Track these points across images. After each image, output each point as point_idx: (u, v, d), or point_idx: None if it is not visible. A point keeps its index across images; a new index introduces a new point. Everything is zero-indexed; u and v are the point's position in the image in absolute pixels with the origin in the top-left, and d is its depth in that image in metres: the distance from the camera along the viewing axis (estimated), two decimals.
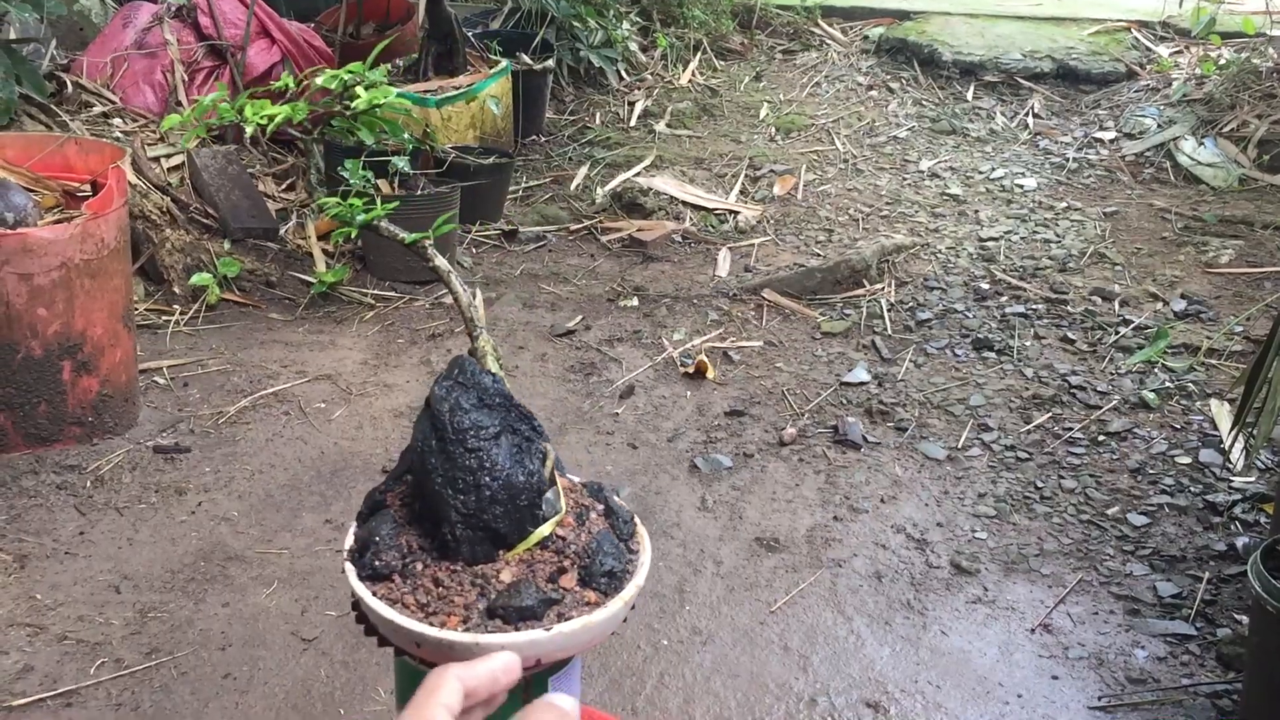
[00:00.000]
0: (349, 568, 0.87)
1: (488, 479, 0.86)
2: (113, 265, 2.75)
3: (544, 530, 0.89)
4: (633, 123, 5.49)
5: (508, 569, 0.87)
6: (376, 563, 0.84)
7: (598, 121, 5.49)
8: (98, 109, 4.19)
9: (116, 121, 4.22)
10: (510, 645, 0.81)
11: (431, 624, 0.82)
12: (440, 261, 0.95)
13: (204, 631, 2.21)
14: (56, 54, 4.52)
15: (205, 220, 3.97)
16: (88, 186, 2.85)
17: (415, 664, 0.85)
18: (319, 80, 2.10)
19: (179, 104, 4.32)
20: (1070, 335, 3.54)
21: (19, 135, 3.12)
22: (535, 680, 0.91)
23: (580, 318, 3.74)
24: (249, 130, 0.98)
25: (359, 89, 1.93)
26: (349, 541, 0.89)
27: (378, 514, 0.89)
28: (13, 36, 4.32)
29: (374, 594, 0.85)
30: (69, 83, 4.19)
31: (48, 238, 2.58)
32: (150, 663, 2.12)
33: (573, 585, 0.87)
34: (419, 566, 0.85)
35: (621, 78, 5.83)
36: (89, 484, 2.66)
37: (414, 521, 0.88)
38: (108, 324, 2.77)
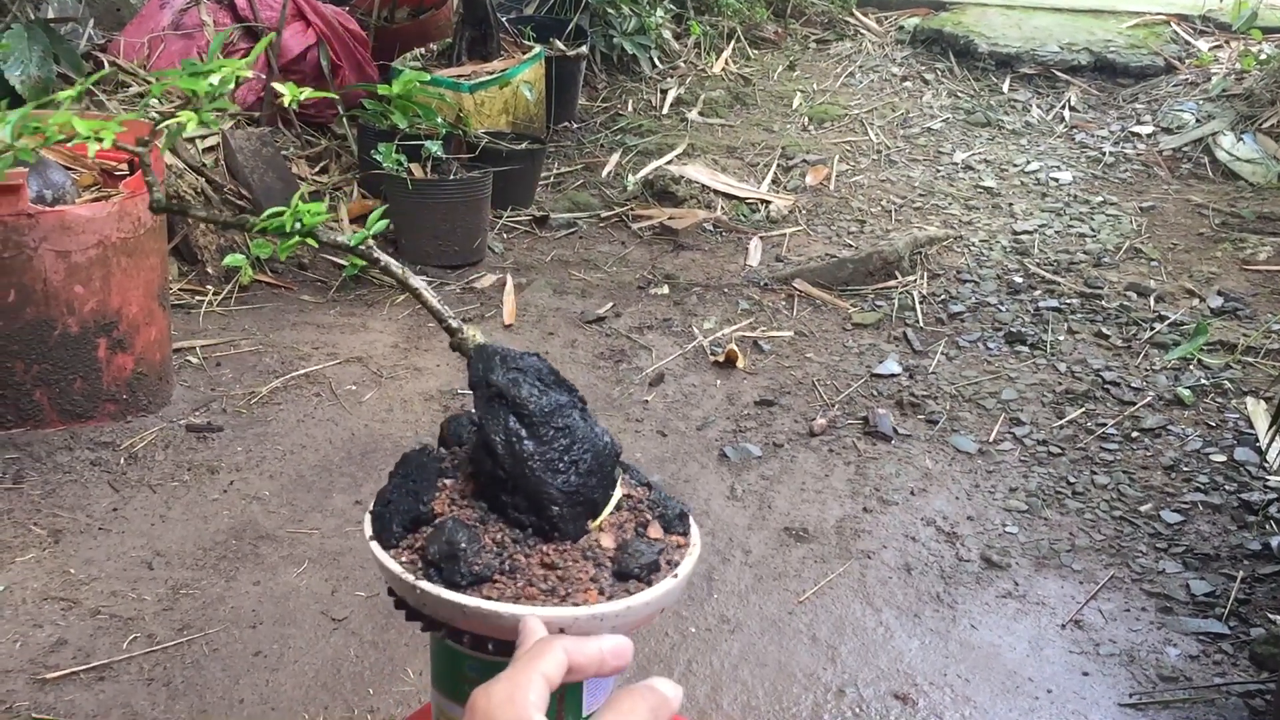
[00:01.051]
0: (430, 586, 0.80)
1: (580, 453, 0.85)
2: (149, 244, 2.76)
3: (619, 492, 0.90)
4: (665, 110, 5.48)
5: (603, 535, 0.87)
6: (474, 568, 0.80)
7: (630, 109, 5.48)
8: (134, 89, 4.21)
9: (153, 101, 4.24)
10: (654, 600, 0.82)
11: (576, 604, 0.80)
12: (387, 260, 0.91)
13: (235, 609, 2.23)
14: (94, 34, 4.54)
15: (239, 201, 3.99)
16: (125, 166, 2.86)
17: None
18: None
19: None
20: (1105, 330, 3.51)
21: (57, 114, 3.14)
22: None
23: (610, 305, 3.74)
24: (287, 102, 0.96)
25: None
26: (395, 564, 0.82)
27: (436, 526, 0.83)
28: (51, 15, 4.35)
29: (487, 598, 0.80)
30: (106, 62, 4.22)
31: (86, 216, 2.60)
32: (182, 639, 2.13)
33: (660, 534, 0.88)
34: (521, 559, 0.83)
35: (654, 65, 5.81)
36: (123, 461, 2.69)
37: (486, 519, 0.85)
38: (143, 302, 2.78)
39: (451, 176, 3.95)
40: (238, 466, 2.72)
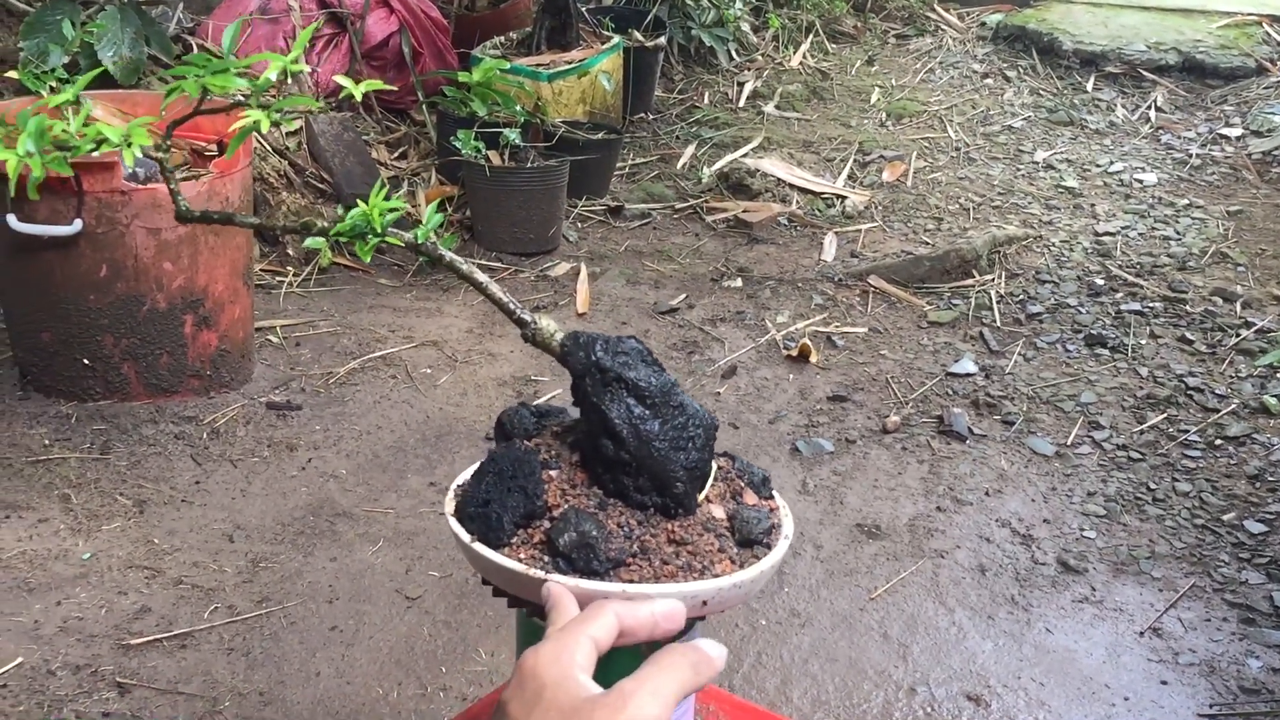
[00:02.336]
0: (563, 579, 0.79)
1: (695, 429, 0.86)
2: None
3: (715, 464, 0.91)
4: (741, 103, 5.46)
5: (713, 506, 0.88)
6: (610, 554, 0.80)
7: (706, 101, 5.47)
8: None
9: (240, 83, 4.31)
10: (778, 562, 0.86)
11: (716, 574, 0.82)
12: (451, 258, 0.91)
13: (312, 584, 2.26)
14: (183, 17, 4.63)
15: (320, 185, 4.05)
16: (214, 146, 2.92)
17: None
18: None
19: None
20: (1188, 335, 3.44)
21: (150, 94, 3.21)
22: (653, 647, 0.90)
23: (684, 296, 3.74)
24: (357, 96, 0.97)
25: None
26: (514, 563, 0.81)
27: (558, 518, 0.82)
28: None
29: (626, 581, 0.81)
30: (194, 45, 4.30)
31: None
32: (261, 611, 2.17)
33: (757, 500, 0.91)
34: (649, 539, 0.83)
35: (732, 58, 5.79)
36: (205, 435, 2.74)
37: (604, 505, 0.84)
38: (228, 281, 2.84)
39: (529, 165, 3.97)
40: (315, 444, 2.76)
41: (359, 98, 0.91)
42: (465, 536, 0.83)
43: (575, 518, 0.81)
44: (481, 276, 0.93)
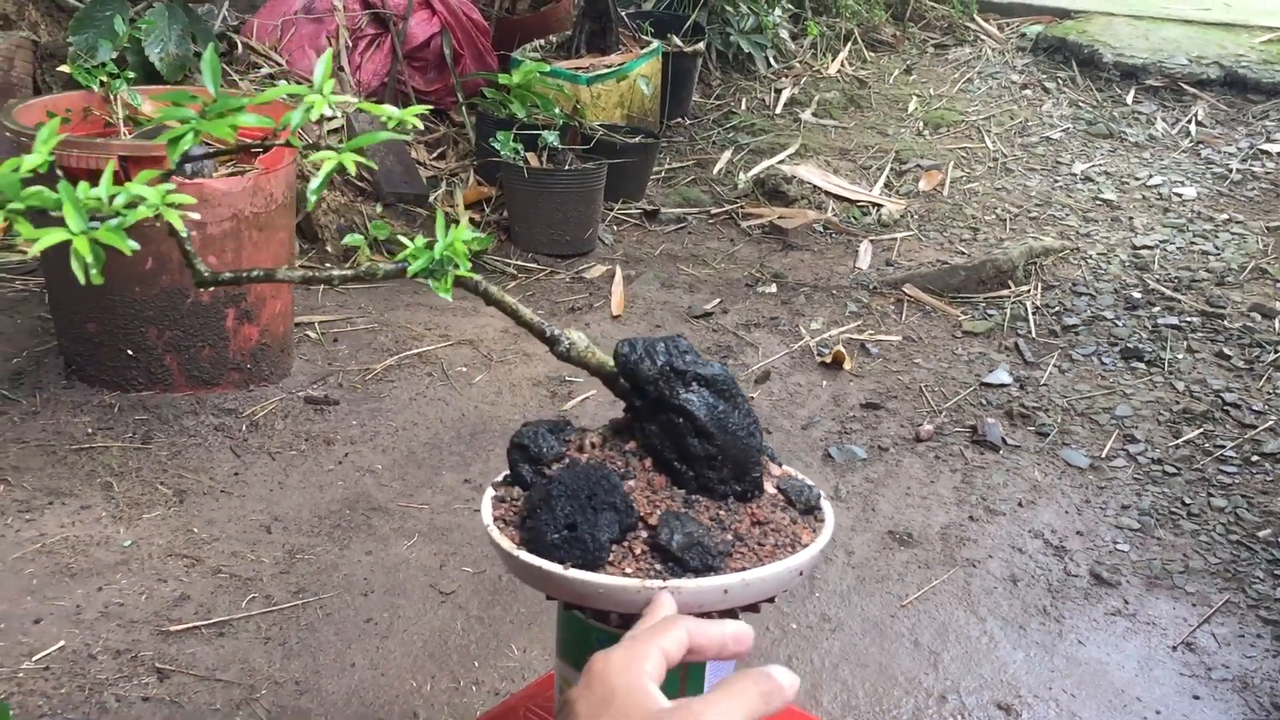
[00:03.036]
0: (685, 582, 0.80)
1: (753, 414, 0.90)
2: (279, 219, 2.85)
3: None
4: (778, 110, 5.47)
5: (768, 481, 0.92)
6: (719, 547, 0.82)
7: (743, 107, 5.48)
8: (265, 70, 4.34)
9: (281, 83, 4.36)
10: (833, 524, 0.91)
11: (805, 545, 0.86)
12: (487, 287, 0.90)
13: (348, 576, 2.29)
14: (228, 15, 4.69)
15: (359, 183, 4.09)
16: (260, 143, 2.95)
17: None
18: None
19: (341, 69, 4.45)
20: (1226, 351, 3.41)
21: (198, 90, 3.26)
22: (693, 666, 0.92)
23: (718, 301, 3.75)
24: (412, 124, 0.93)
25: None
26: (626, 580, 0.80)
27: (659, 525, 0.83)
28: None
29: (737, 570, 0.83)
30: (239, 43, 4.35)
31: (222, 189, 2.69)
32: (297, 601, 2.20)
33: (790, 471, 0.95)
34: (739, 526, 0.86)
35: (770, 64, 5.80)
36: (244, 428, 2.78)
37: (689, 502, 0.86)
38: None
39: (566, 167, 3.99)
40: (352, 439, 2.79)
41: (414, 125, 0.90)
42: (556, 568, 0.81)
43: (677, 520, 0.82)
44: (510, 299, 0.92)
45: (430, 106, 4.69)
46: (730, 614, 0.86)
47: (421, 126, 4.63)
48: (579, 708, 0.68)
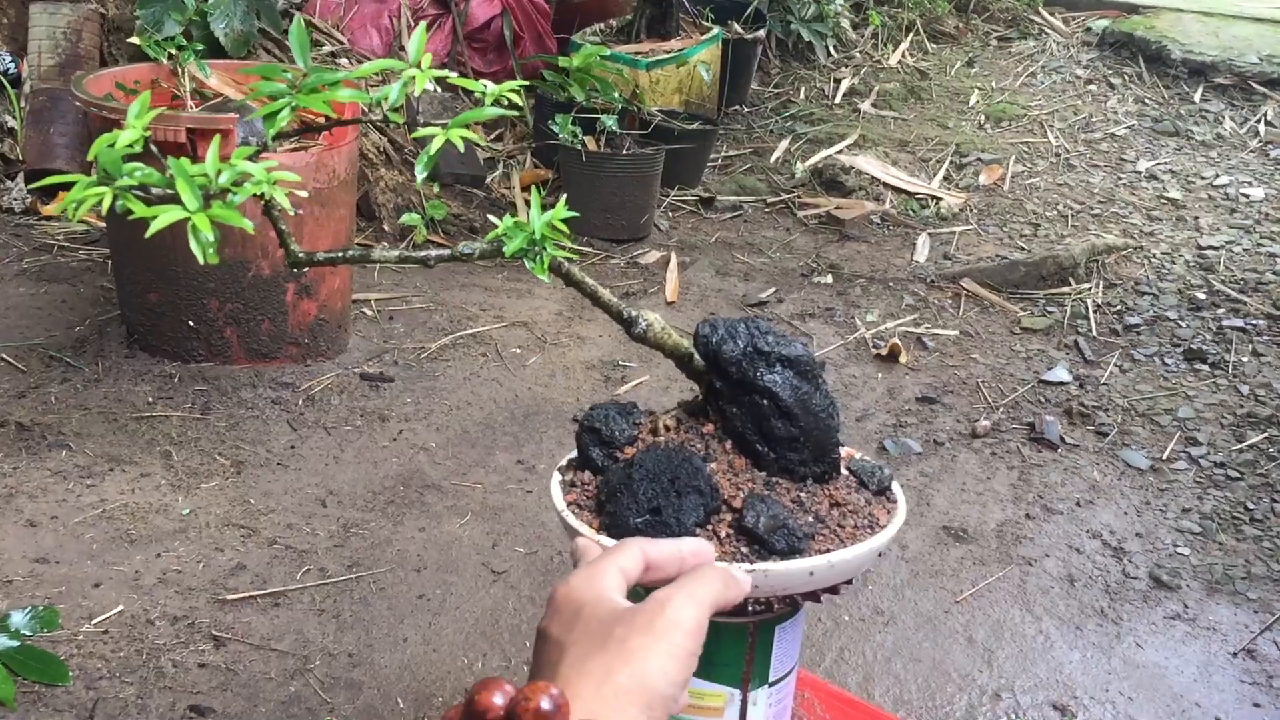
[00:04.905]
0: (774, 565, 0.80)
1: (832, 396, 0.90)
2: (340, 196, 2.86)
3: None
4: (837, 100, 5.42)
5: (840, 463, 0.92)
6: (804, 528, 0.82)
7: (802, 96, 5.44)
8: (326, 48, 4.36)
9: (342, 62, 4.38)
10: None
11: (883, 526, 0.86)
12: (581, 277, 0.89)
13: (401, 552, 2.30)
14: None
15: (415, 161, 4.10)
16: (323, 119, 2.96)
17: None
18: None
19: (401, 49, 4.47)
20: None
21: (263, 66, 3.28)
22: (762, 630, 0.91)
23: (773, 290, 3.73)
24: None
25: None
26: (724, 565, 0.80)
27: (744, 507, 0.82)
28: None
29: (822, 552, 0.83)
30: (302, 21, 4.38)
31: (286, 164, 2.70)
32: (351, 575, 2.21)
33: (858, 454, 0.95)
34: (819, 507, 0.86)
35: (830, 54, 5.75)
36: (301, 402, 2.80)
37: (770, 485, 0.86)
38: None
39: (624, 151, 3.98)
40: (406, 417, 2.80)
41: (512, 100, 0.88)
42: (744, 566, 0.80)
43: (762, 503, 0.82)
44: (591, 282, 0.91)
45: (482, 122, 4.69)
46: (812, 596, 0.85)
47: (520, 103, 4.64)
48: (552, 630, 0.68)
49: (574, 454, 0.93)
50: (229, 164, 0.77)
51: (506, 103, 0.86)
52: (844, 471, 0.91)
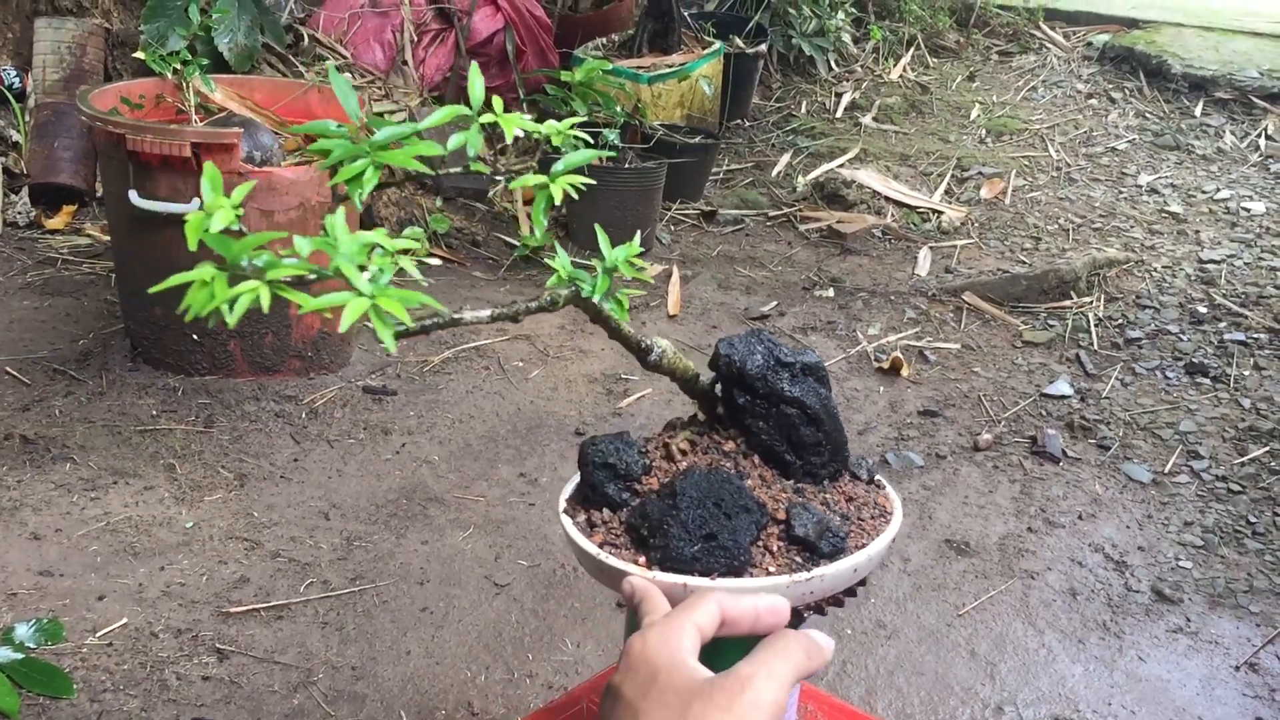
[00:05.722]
0: (825, 569, 0.81)
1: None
2: (345, 210, 2.87)
3: None
4: (839, 114, 5.44)
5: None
6: (841, 530, 0.83)
7: (803, 110, 5.45)
8: (330, 62, 4.38)
9: (346, 76, 4.40)
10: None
11: (892, 515, 0.89)
12: (599, 306, 0.88)
13: (404, 565, 2.30)
14: (295, 7, 4.74)
15: (420, 176, 4.12)
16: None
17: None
18: None
19: (404, 64, 4.49)
20: None
21: (267, 80, 3.30)
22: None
23: (775, 303, 3.74)
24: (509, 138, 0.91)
25: None
26: (781, 576, 0.81)
27: (789, 519, 0.83)
28: None
29: (860, 545, 0.85)
30: (305, 35, 4.40)
31: (290, 178, 2.72)
32: (354, 588, 2.22)
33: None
34: (842, 506, 0.88)
35: (831, 68, 5.77)
36: (304, 415, 2.80)
37: (799, 490, 0.87)
38: None
39: (626, 165, 4.00)
40: (409, 430, 2.81)
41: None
42: (703, 580, 0.79)
43: (805, 511, 0.83)
44: (615, 319, 0.90)
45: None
46: (826, 605, 0.86)
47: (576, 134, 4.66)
48: (625, 690, 0.68)
49: (571, 488, 0.91)
50: (379, 254, 0.74)
51: (597, 144, 0.86)
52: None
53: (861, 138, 5.17)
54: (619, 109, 4.12)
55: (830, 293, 3.84)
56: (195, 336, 2.80)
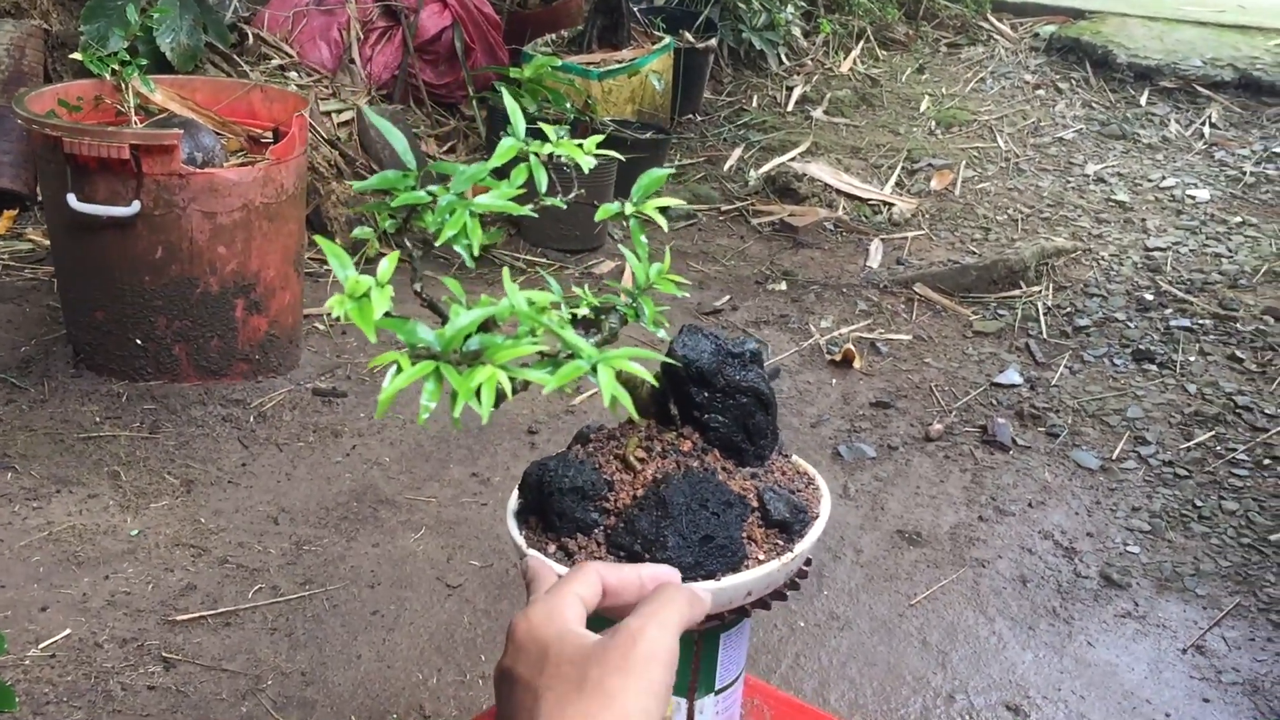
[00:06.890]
0: (800, 547, 0.84)
1: None
2: (289, 210, 2.84)
3: None
4: (790, 108, 5.45)
5: None
6: (803, 506, 0.87)
7: (755, 104, 5.46)
8: (275, 61, 4.33)
9: (292, 75, 4.36)
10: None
11: (820, 485, 0.93)
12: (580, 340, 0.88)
13: (355, 568, 2.28)
14: (239, 5, 4.68)
15: (369, 175, 4.08)
16: (270, 133, 2.95)
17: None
18: None
19: (351, 62, 4.44)
20: (1238, 354, 3.39)
21: (209, 80, 3.25)
22: (707, 638, 0.91)
23: (728, 298, 3.74)
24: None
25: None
26: (768, 567, 0.82)
27: (765, 499, 0.86)
28: None
29: (815, 516, 0.89)
30: (250, 34, 4.35)
31: (232, 179, 2.68)
32: (304, 592, 2.20)
33: None
34: (785, 481, 0.91)
35: (781, 62, 5.79)
36: (252, 419, 2.77)
37: (757, 475, 0.90)
38: (280, 267, 2.87)
39: None
40: (360, 432, 2.78)
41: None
42: (710, 584, 0.79)
43: (774, 493, 0.86)
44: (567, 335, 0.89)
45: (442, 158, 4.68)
46: (780, 595, 0.88)
47: (592, 163, 4.63)
48: (519, 671, 0.67)
49: (516, 503, 0.89)
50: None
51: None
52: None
53: (812, 131, 5.19)
54: (569, 105, 4.10)
55: (783, 286, 3.85)
56: (139, 341, 2.76)
